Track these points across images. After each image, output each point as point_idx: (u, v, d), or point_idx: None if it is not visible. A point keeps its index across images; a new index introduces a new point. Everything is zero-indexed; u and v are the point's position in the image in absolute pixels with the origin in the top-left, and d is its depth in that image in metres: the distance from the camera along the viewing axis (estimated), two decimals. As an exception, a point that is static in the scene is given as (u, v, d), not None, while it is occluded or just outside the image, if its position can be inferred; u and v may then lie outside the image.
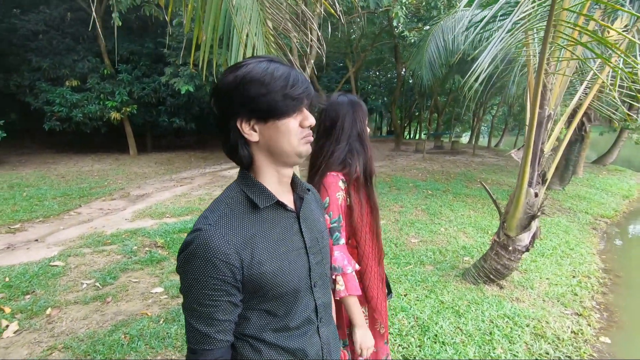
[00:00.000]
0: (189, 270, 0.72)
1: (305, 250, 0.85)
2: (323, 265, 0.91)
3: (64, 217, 5.49)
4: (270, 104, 0.73)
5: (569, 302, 3.19)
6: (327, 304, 0.93)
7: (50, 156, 11.62)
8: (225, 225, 0.74)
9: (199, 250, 0.71)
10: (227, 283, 0.72)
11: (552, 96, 2.77)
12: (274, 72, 0.73)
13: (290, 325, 0.82)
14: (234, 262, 0.72)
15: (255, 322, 0.79)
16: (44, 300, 2.85)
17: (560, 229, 5.09)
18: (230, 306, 0.75)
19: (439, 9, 7.47)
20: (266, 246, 0.77)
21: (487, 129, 26.55)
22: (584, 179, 9.13)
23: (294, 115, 0.76)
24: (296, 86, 0.74)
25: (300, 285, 0.82)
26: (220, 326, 0.74)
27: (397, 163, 10.61)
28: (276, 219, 0.81)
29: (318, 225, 0.92)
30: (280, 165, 0.81)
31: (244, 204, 0.78)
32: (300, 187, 0.89)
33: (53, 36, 11.20)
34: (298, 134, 0.77)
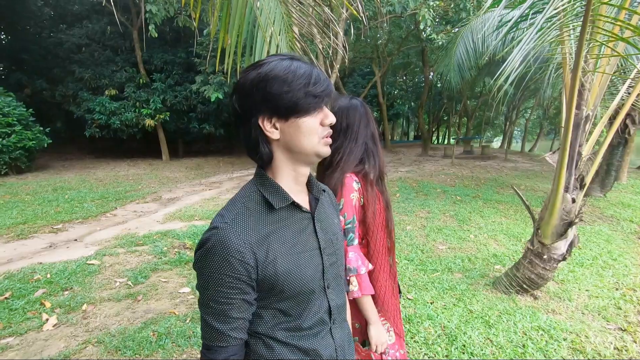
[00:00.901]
0: (205, 267, 0.73)
1: (319, 251, 0.84)
2: (337, 267, 0.90)
3: (101, 218, 5.78)
4: (292, 102, 0.73)
5: (612, 316, 2.96)
6: (340, 305, 0.92)
7: (90, 161, 12.32)
8: (241, 224, 0.74)
9: (215, 248, 0.71)
10: (242, 281, 0.73)
11: (590, 96, 2.62)
12: (296, 70, 0.73)
13: (303, 325, 0.81)
14: (248, 260, 0.72)
15: (268, 321, 0.80)
16: (80, 297, 3.00)
17: (601, 238, 4.77)
18: (245, 304, 0.75)
19: (467, 11, 7.29)
20: (281, 246, 0.77)
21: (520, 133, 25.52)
22: (628, 185, 8.54)
23: (314, 114, 0.76)
24: (318, 84, 0.74)
25: (314, 285, 0.82)
26: (234, 324, 0.75)
27: (425, 168, 10.39)
28: (291, 219, 0.81)
29: (333, 227, 0.92)
30: (298, 164, 0.81)
31: (259, 204, 0.79)
32: (316, 188, 0.89)
33: (94, 49, 11.95)
34: (319, 133, 0.77)
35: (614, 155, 6.64)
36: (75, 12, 12.42)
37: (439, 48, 8.84)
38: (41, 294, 3.03)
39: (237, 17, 2.03)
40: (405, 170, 10.12)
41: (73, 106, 11.71)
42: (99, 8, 12.18)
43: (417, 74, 19.39)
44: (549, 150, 21.99)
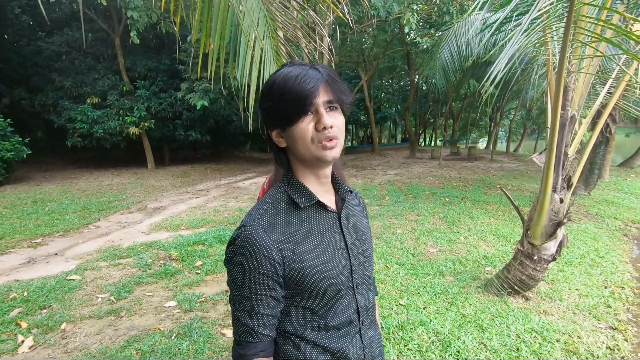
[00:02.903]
0: (234, 263, 0.76)
1: (346, 251, 0.85)
2: (366, 268, 0.91)
3: (83, 230, 5.59)
4: (278, 112, 0.75)
5: (602, 314, 2.97)
6: (369, 306, 0.92)
7: (72, 171, 11.99)
8: (268, 222, 0.77)
9: (244, 245, 0.74)
10: (269, 278, 0.75)
11: (575, 96, 2.63)
12: (282, 78, 0.74)
13: (332, 324, 0.82)
14: (275, 257, 0.74)
15: (296, 320, 0.81)
16: (59, 315, 2.86)
17: (588, 236, 4.83)
18: (272, 301, 0.77)
19: (451, 14, 7.38)
20: (307, 243, 0.79)
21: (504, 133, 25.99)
22: (610, 182, 8.73)
23: (304, 119, 0.74)
24: (301, 86, 0.72)
25: (341, 284, 0.83)
26: (262, 320, 0.77)
27: (413, 170, 10.43)
28: (317, 218, 0.83)
29: (360, 228, 0.92)
30: (311, 168, 0.81)
31: (287, 203, 0.81)
32: (342, 189, 0.90)
33: (75, 56, 11.68)
34: (311, 138, 0.75)
35: (596, 154, 6.77)
36: (55, 19, 12.15)
37: (424, 51, 8.93)
38: (17, 314, 2.87)
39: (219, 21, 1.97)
40: (393, 172, 10.14)
41: (53, 115, 11.39)
42: (80, 15, 11.93)
43: (402, 77, 19.59)
44: (533, 149, 22.44)
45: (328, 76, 0.76)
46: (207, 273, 3.67)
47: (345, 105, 0.79)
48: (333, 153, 0.77)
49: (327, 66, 0.79)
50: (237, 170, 12.81)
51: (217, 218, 5.84)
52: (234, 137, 16.12)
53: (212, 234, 4.81)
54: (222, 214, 6.13)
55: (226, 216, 5.96)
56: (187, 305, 2.98)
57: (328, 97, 0.75)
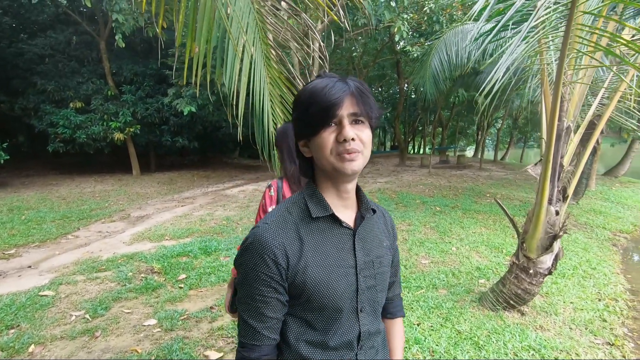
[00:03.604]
0: (243, 263, 0.77)
1: (355, 270, 0.82)
2: (376, 292, 0.86)
3: (60, 241, 5.33)
4: (304, 122, 0.76)
5: (598, 329, 2.91)
6: (373, 333, 0.87)
7: (53, 178, 11.59)
8: (279, 226, 0.77)
9: (252, 245, 0.75)
10: (275, 280, 0.74)
11: (570, 107, 2.59)
12: (311, 89, 0.74)
13: (329, 343, 0.79)
14: (280, 261, 0.74)
15: (292, 329, 0.80)
16: (28, 336, 2.64)
17: (578, 246, 4.82)
18: (279, 304, 0.76)
19: (441, 23, 7.42)
20: (315, 254, 0.77)
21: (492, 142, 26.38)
22: (597, 192, 8.84)
23: (326, 130, 0.74)
24: (326, 97, 0.72)
25: (343, 304, 0.80)
26: (268, 323, 0.76)
27: (403, 179, 10.40)
28: (330, 232, 0.81)
29: (377, 250, 0.88)
30: (334, 180, 0.80)
31: (302, 210, 0.80)
32: (364, 206, 0.86)
33: (59, 59, 11.36)
34: (331, 148, 0.74)
35: (585, 164, 6.83)
36: (38, 21, 11.82)
37: (413, 60, 8.95)
38: (-20, 335, 2.65)
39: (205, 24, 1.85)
40: (383, 181, 10.08)
41: (34, 120, 11.01)
42: (64, 18, 11.64)
43: (392, 86, 19.71)
44: (519, 158, 22.79)
45: (356, 89, 0.75)
46: (190, 287, 3.49)
47: (372, 120, 0.78)
48: (352, 166, 0.74)
49: (358, 79, 0.77)
50: (225, 177, 12.59)
51: (203, 227, 5.65)
52: (223, 144, 15.89)
53: (198, 245, 4.62)
54: (208, 223, 5.94)
55: (212, 225, 5.77)
56: (168, 323, 2.79)
57: (354, 110, 0.74)
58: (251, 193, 8.55)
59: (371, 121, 0.77)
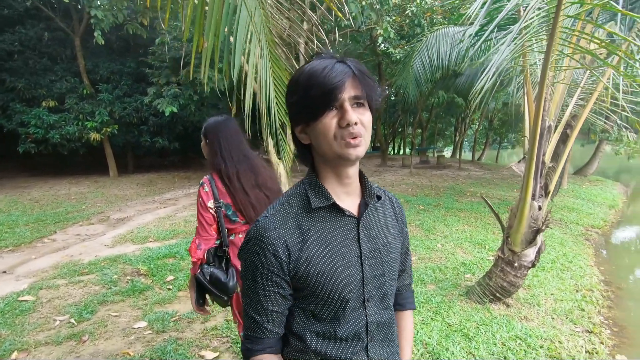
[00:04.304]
0: (245, 256, 0.77)
1: (359, 259, 0.79)
2: (383, 281, 0.83)
3: (36, 244, 5.11)
4: (302, 106, 0.73)
5: (578, 318, 3.07)
6: (382, 323, 0.84)
7: (24, 180, 11.06)
8: (279, 218, 0.75)
9: (253, 239, 0.75)
10: (276, 274, 0.73)
11: (551, 107, 2.72)
12: (309, 71, 0.70)
13: (338, 334, 0.78)
14: (281, 255, 0.72)
15: (299, 321, 0.79)
16: (9, 343, 2.52)
17: (555, 241, 5.04)
18: (280, 298, 0.76)
19: (422, 26, 7.60)
20: (317, 246, 0.76)
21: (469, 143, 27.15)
22: (569, 190, 9.27)
23: (328, 114, 0.70)
24: (327, 79, 0.68)
25: (349, 294, 0.77)
26: (270, 316, 0.76)
27: (386, 179, 10.56)
28: (333, 221, 0.78)
29: (384, 237, 0.85)
30: (335, 166, 0.77)
31: (303, 201, 0.78)
32: (368, 193, 0.83)
33: (29, 56, 10.85)
34: (334, 134, 0.71)
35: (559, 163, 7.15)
36: (6, 16, 11.26)
37: (395, 62, 9.12)
38: (-43, 343, 2.51)
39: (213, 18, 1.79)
40: (367, 181, 10.19)
41: (3, 119, 10.47)
42: (34, 13, 11.13)
43: (373, 87, 19.97)
44: (495, 158, 23.55)
45: (357, 70, 0.71)
46: (179, 289, 3.42)
47: (374, 102, 0.74)
48: (357, 151, 0.71)
49: (357, 60, 0.73)
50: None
51: (188, 229, 5.54)
52: (203, 144, 15.59)
53: (184, 246, 4.54)
54: (193, 224, 5.83)
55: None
56: (160, 325, 2.74)
57: (355, 93, 0.70)
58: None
59: (372, 103, 0.74)
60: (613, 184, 11.32)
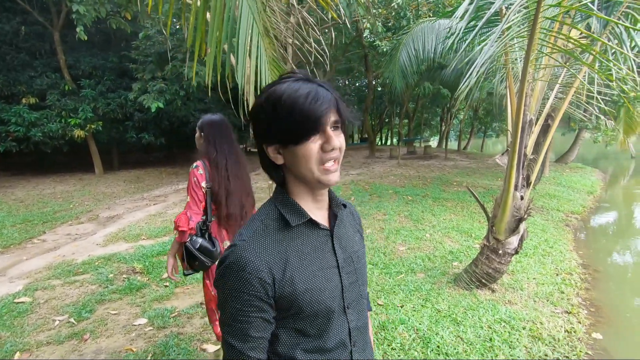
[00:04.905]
0: (224, 285, 0.73)
1: (337, 270, 0.82)
2: (358, 287, 0.88)
3: (26, 245, 5.06)
4: (285, 128, 0.70)
5: (558, 300, 3.26)
6: (361, 327, 0.89)
7: (6, 179, 10.80)
8: (258, 241, 0.74)
9: (233, 266, 0.72)
10: (260, 299, 0.72)
11: (532, 101, 2.86)
12: (291, 94, 0.69)
13: (326, 346, 0.80)
14: (266, 278, 0.72)
15: (285, 342, 0.78)
16: (10, 344, 2.56)
17: (537, 228, 5.27)
18: (263, 323, 0.74)
19: (408, 19, 7.67)
20: (299, 263, 0.76)
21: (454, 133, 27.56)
22: (550, 177, 9.59)
23: (312, 139, 0.71)
24: (314, 106, 0.69)
25: (333, 305, 0.80)
26: (253, 343, 0.74)
27: (374, 170, 10.70)
28: (309, 236, 0.80)
29: (352, 245, 0.89)
30: (308, 187, 0.78)
31: (277, 221, 0.78)
32: (335, 203, 0.86)
33: (6, 51, 10.49)
34: (316, 159, 0.72)
35: (540, 152, 7.40)
36: (-21, 9, 10.84)
37: (382, 54, 9.19)
38: (-43, 347, 2.53)
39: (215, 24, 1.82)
40: (355, 172, 10.33)
41: (-19, 117, 10.16)
42: (10, 6, 10.73)
43: (358, 79, 20.01)
44: (480, 147, 24.00)
45: (336, 95, 0.74)
46: (176, 285, 3.48)
47: (346, 125, 0.77)
48: (335, 177, 0.75)
49: (329, 84, 0.76)
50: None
51: (181, 225, 5.56)
52: (190, 139, 15.30)
53: (178, 243, 4.57)
54: (185, 220, 5.85)
55: (190, 223, 5.69)
56: (160, 321, 2.80)
57: (335, 118, 0.73)
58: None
59: (345, 127, 0.77)
60: (592, 171, 11.75)
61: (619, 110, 8.87)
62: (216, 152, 1.93)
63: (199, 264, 1.87)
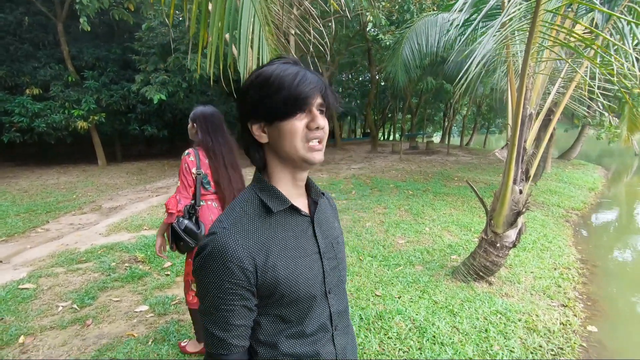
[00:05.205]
0: (204, 274, 0.72)
1: (319, 256, 0.83)
2: (338, 272, 0.90)
3: (30, 234, 5.12)
4: (273, 105, 0.72)
5: (554, 294, 3.29)
6: (342, 311, 0.91)
7: (10, 170, 10.88)
8: (239, 229, 0.74)
9: (213, 254, 0.71)
10: (242, 287, 0.72)
11: (532, 95, 2.86)
12: (280, 73, 0.72)
13: (306, 331, 0.81)
14: (247, 266, 0.71)
15: (267, 328, 0.79)
16: (15, 328, 2.61)
17: (537, 223, 5.28)
18: (246, 311, 0.74)
19: (411, 12, 7.62)
20: (280, 250, 0.76)
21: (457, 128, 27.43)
22: (552, 173, 9.57)
23: (298, 116, 0.73)
24: (302, 85, 0.72)
25: (315, 291, 0.81)
26: (235, 331, 0.74)
27: (376, 165, 10.71)
28: (290, 223, 0.80)
29: (333, 231, 0.91)
30: (292, 168, 0.79)
31: (258, 208, 0.78)
32: (314, 191, 0.88)
33: (9, 42, 10.51)
34: (301, 136, 0.73)
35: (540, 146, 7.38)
36: (-18, -1, 10.84)
37: (384, 48, 9.14)
38: (-37, 330, 2.59)
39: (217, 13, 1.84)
40: (357, 167, 10.34)
41: (-16, 107, 10.22)
42: (13, -4, 10.74)
43: (361, 73, 19.91)
44: (483, 143, 23.91)
45: (325, 82, 0.77)
46: (177, 274, 3.53)
47: (331, 110, 0.80)
48: (319, 156, 0.76)
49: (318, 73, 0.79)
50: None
51: (182, 216, 5.61)
52: (193, 132, 15.46)
53: (179, 234, 4.62)
54: (186, 212, 5.90)
55: (191, 214, 5.74)
56: (161, 308, 2.85)
57: (321, 101, 0.75)
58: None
59: (330, 113, 0.80)
60: (594, 168, 11.70)
61: (622, 107, 8.80)
62: (212, 141, 2.04)
63: (183, 244, 1.97)
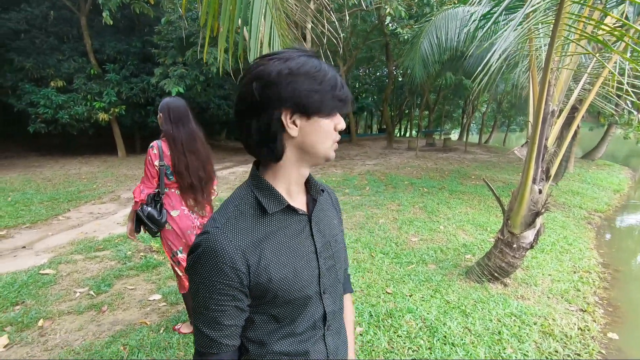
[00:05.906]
0: (196, 273, 0.71)
1: (315, 255, 0.81)
2: (335, 272, 0.87)
3: (52, 222, 5.30)
4: (319, 101, 0.71)
5: (573, 298, 3.18)
6: (336, 312, 0.89)
7: (35, 159, 11.28)
8: (232, 228, 0.72)
9: (206, 253, 0.70)
10: (234, 288, 0.70)
11: (555, 92, 2.74)
12: (326, 71, 0.72)
13: (296, 331, 0.80)
14: (240, 266, 0.70)
15: (260, 327, 0.78)
16: (35, 311, 2.71)
17: (557, 225, 5.11)
18: (237, 311, 0.73)
19: (431, 6, 7.45)
20: (275, 251, 0.74)
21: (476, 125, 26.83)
22: (575, 174, 9.25)
23: (333, 117, 0.75)
24: (343, 89, 0.74)
25: (309, 291, 0.79)
26: (226, 331, 0.73)
27: (391, 161, 10.59)
28: (287, 222, 0.78)
29: (331, 229, 0.88)
30: (304, 164, 0.78)
31: (253, 207, 0.75)
32: (314, 189, 0.86)
33: (36, 35, 10.84)
34: (333, 137, 0.76)
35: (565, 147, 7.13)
36: (11, -6, 11.20)
37: (403, 42, 8.98)
38: (-14, 311, 2.70)
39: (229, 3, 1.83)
40: (372, 163, 10.26)
41: (12, 98, 10.58)
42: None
43: (379, 68, 19.69)
44: (502, 141, 23.33)
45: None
46: (190, 265, 3.58)
47: None
48: (334, 155, 0.80)
49: None
50: (213, 159, 12.49)
51: (197, 208, 5.69)
52: (209, 125, 15.65)
53: (193, 225, 4.69)
54: (201, 204, 5.98)
55: (206, 206, 5.82)
56: (174, 298, 2.91)
57: None
58: (242, 174, 8.59)
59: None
60: (620, 168, 11.24)
61: (653, 105, 8.39)
62: (172, 130, 2.16)
63: (147, 229, 2.16)
